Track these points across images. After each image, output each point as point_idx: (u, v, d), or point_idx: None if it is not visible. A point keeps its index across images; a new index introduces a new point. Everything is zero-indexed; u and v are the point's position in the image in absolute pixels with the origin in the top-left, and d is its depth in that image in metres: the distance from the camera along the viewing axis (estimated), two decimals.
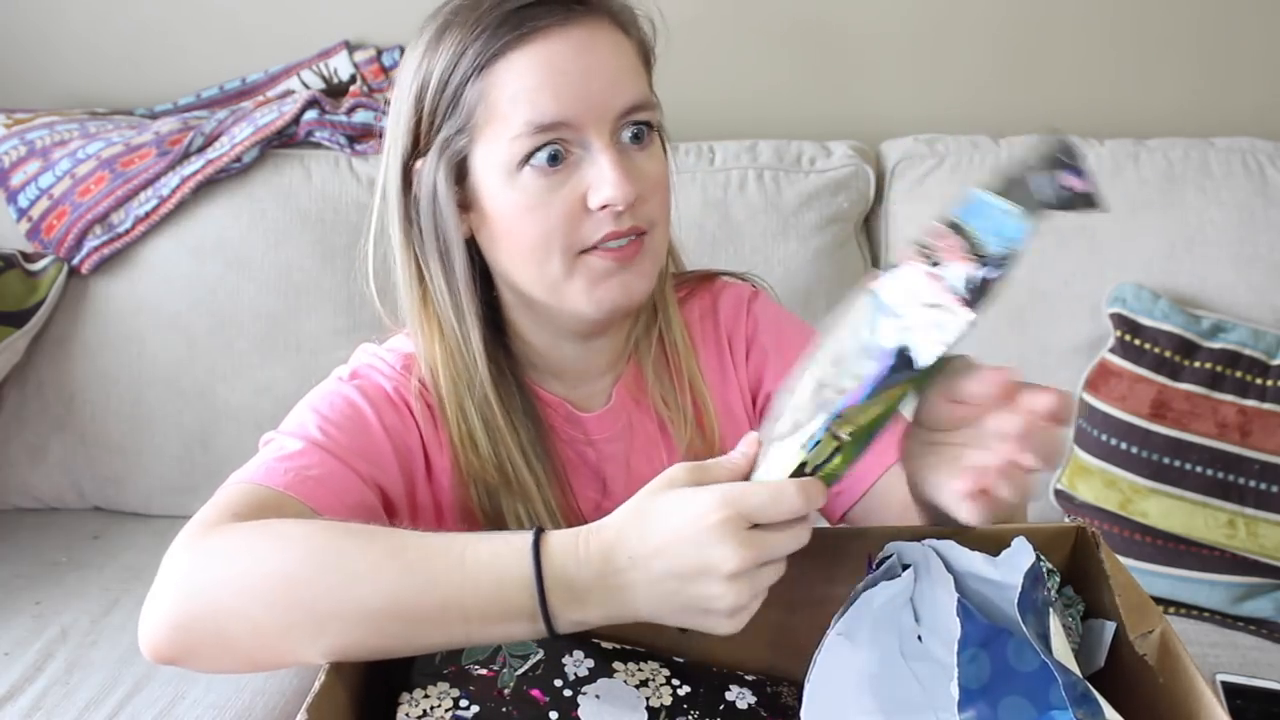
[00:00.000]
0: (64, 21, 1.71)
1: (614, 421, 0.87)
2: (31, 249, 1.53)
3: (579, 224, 0.75)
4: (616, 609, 0.60)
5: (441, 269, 0.79)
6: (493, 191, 0.76)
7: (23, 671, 1.20)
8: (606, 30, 0.75)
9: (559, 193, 0.74)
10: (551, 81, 0.72)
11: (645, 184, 0.75)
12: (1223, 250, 1.47)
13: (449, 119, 0.76)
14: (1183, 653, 0.59)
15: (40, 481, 1.56)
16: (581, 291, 0.77)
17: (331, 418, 0.77)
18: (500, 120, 0.74)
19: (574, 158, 0.74)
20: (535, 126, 0.73)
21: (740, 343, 0.91)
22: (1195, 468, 1.37)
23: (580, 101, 0.73)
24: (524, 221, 0.75)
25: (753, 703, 0.68)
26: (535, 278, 0.78)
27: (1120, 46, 1.67)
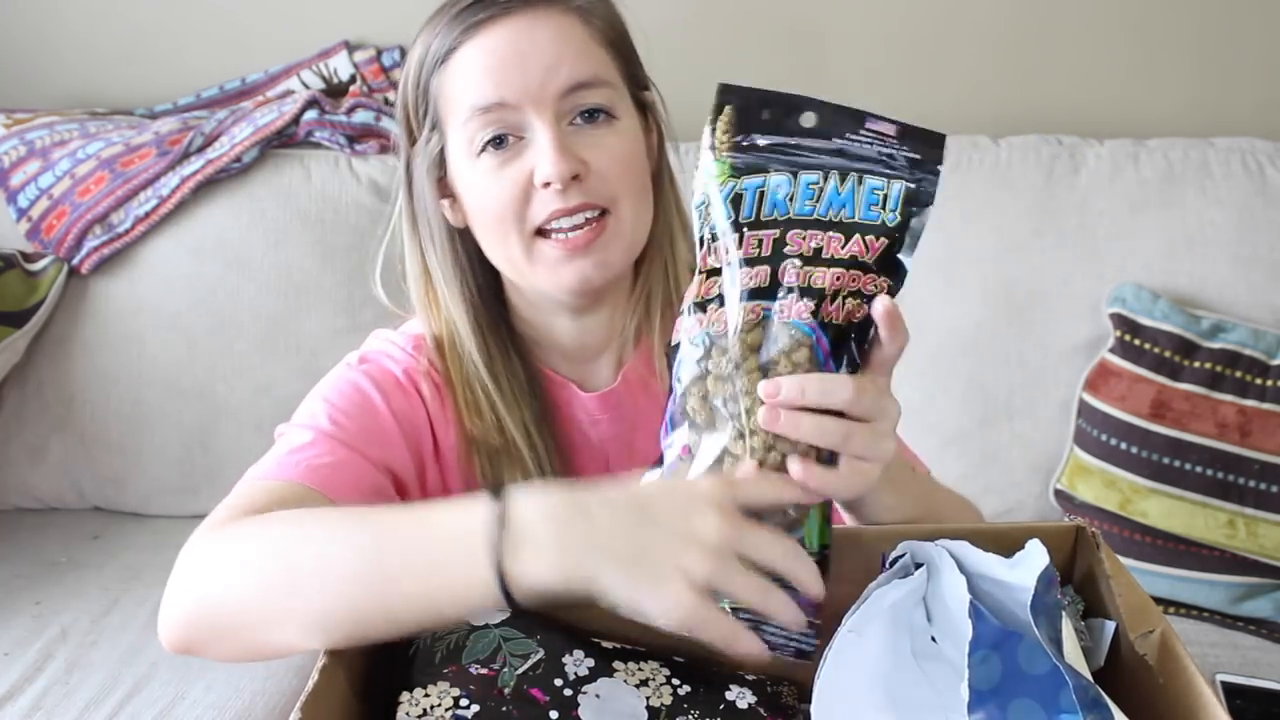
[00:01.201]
0: (64, 21, 1.71)
1: (617, 402, 0.88)
2: (31, 249, 1.53)
3: (528, 202, 0.78)
4: (573, 561, 0.56)
5: (435, 255, 0.85)
6: (460, 178, 0.81)
7: (23, 671, 1.20)
8: (556, 16, 0.78)
9: (507, 172, 0.78)
10: (490, 66, 0.77)
11: (596, 160, 0.78)
12: (1222, 250, 1.47)
13: (425, 115, 0.82)
14: (1183, 653, 0.59)
15: (40, 481, 1.56)
16: (544, 275, 0.80)
17: (341, 405, 0.80)
18: (454, 110, 0.79)
19: (522, 140, 0.78)
20: (475, 109, 0.77)
21: None
22: (1195, 468, 1.37)
23: (516, 82, 0.76)
24: (482, 202, 0.80)
25: (753, 702, 0.68)
26: (502, 258, 0.82)
27: (1120, 46, 1.67)
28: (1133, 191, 1.50)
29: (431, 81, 0.80)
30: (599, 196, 0.78)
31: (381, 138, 1.59)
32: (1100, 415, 1.41)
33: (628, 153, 0.80)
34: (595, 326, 0.87)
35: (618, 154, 0.79)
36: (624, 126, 0.80)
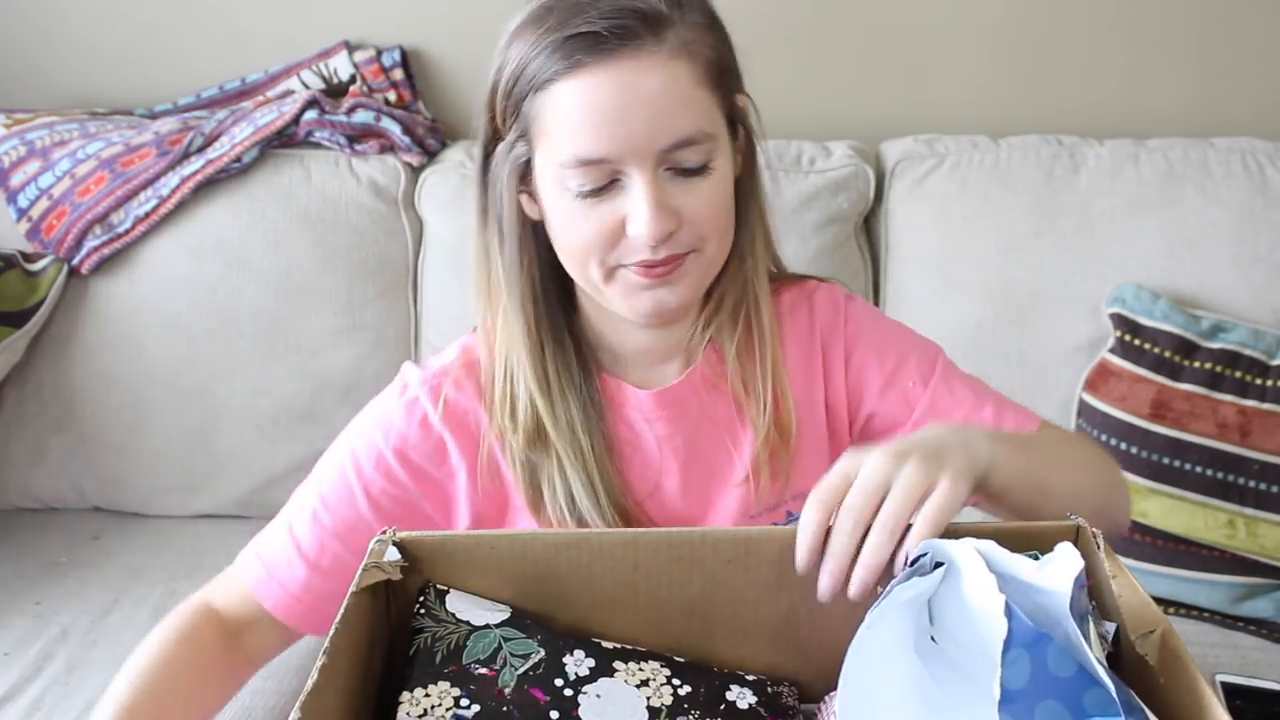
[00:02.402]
0: (64, 21, 1.71)
1: (678, 400, 0.87)
2: (31, 249, 1.53)
3: (615, 245, 0.78)
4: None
5: (500, 248, 0.83)
6: (546, 196, 0.79)
7: (23, 671, 1.20)
8: (661, 61, 0.74)
9: (599, 215, 0.77)
10: (592, 119, 0.74)
11: (689, 210, 0.77)
12: (1222, 250, 1.47)
13: (514, 123, 0.79)
14: (1183, 653, 0.59)
15: (40, 481, 1.56)
16: (618, 299, 0.80)
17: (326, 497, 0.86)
18: (550, 142, 0.76)
19: (616, 184, 0.76)
20: (578, 160, 0.75)
21: (838, 347, 0.90)
22: (1195, 468, 1.37)
23: (619, 140, 0.74)
24: (568, 231, 0.79)
25: (753, 703, 0.68)
26: (580, 277, 0.82)
27: (1120, 46, 1.67)
28: (1133, 191, 1.50)
29: (527, 101, 0.77)
30: (687, 245, 0.78)
31: (381, 138, 1.59)
32: (1100, 415, 1.41)
33: (720, 198, 0.79)
34: (665, 336, 0.87)
35: (710, 202, 0.78)
36: (718, 171, 0.79)
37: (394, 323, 1.57)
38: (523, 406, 0.83)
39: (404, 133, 1.59)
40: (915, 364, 0.90)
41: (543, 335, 0.84)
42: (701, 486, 0.87)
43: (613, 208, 0.76)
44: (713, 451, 0.88)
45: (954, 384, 0.90)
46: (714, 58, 0.78)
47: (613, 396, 0.87)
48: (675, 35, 0.75)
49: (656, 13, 0.74)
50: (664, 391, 0.87)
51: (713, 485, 0.88)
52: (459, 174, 1.56)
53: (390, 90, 1.68)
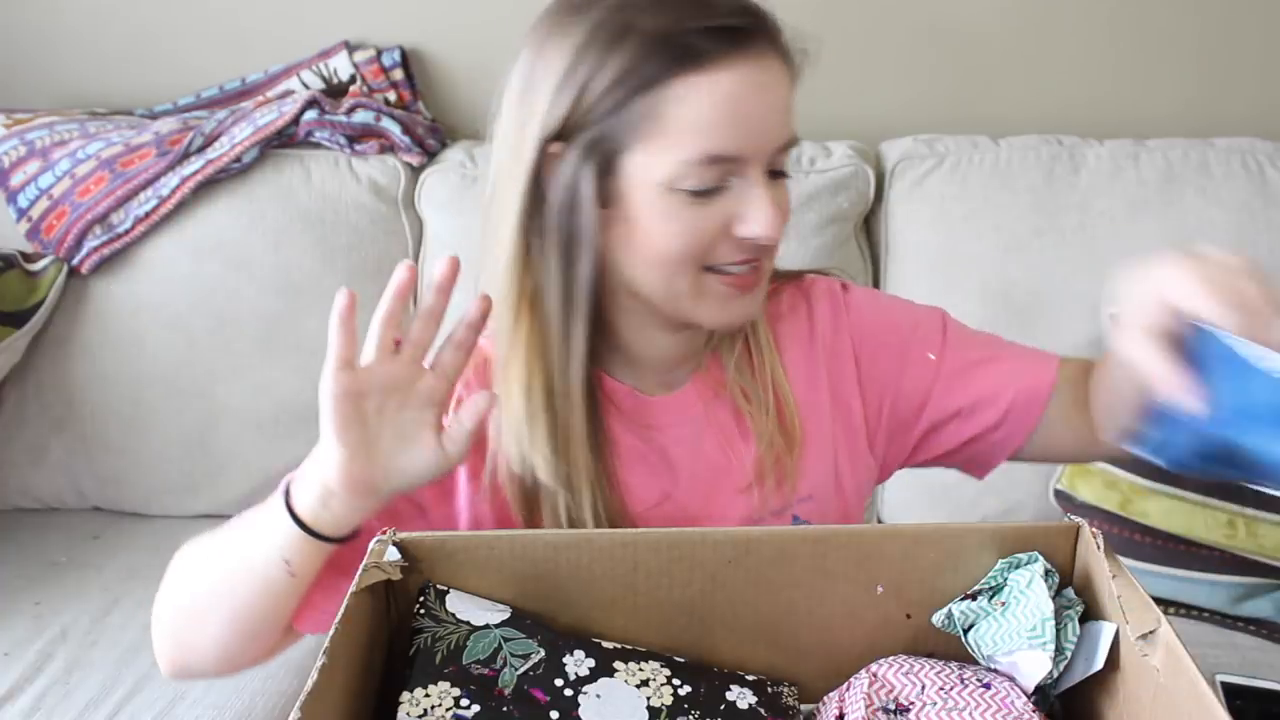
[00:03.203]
0: (64, 21, 1.71)
1: (684, 407, 0.86)
2: (31, 249, 1.53)
3: (716, 247, 0.76)
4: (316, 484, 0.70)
5: (559, 259, 0.77)
6: (638, 198, 0.75)
7: (23, 671, 1.20)
8: (777, 64, 0.75)
9: (706, 216, 0.75)
10: (731, 116, 0.72)
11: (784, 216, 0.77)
12: (1222, 250, 1.47)
13: (607, 120, 0.73)
14: (1183, 653, 0.59)
15: (40, 481, 1.56)
16: (704, 309, 0.78)
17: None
18: (669, 139, 0.73)
19: (726, 185, 0.75)
20: (710, 158, 0.73)
21: (844, 343, 0.89)
22: None
23: (754, 138, 0.73)
24: (663, 235, 0.75)
25: (753, 703, 0.68)
26: (658, 286, 0.78)
27: (1120, 46, 1.67)
28: (1133, 191, 1.50)
29: (638, 99, 0.72)
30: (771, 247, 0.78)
31: (381, 138, 1.59)
32: None
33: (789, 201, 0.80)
34: (686, 339, 0.85)
35: (788, 204, 0.79)
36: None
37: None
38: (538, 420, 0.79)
39: (404, 133, 1.59)
40: (924, 335, 0.90)
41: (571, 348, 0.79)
42: (707, 493, 0.87)
43: (721, 208, 0.74)
44: (717, 458, 0.87)
45: (967, 343, 0.91)
46: (796, 71, 0.79)
47: (620, 404, 0.85)
48: (779, 36, 0.76)
49: (762, 11, 0.75)
50: (670, 399, 0.86)
51: (718, 492, 0.87)
52: (459, 174, 1.56)
53: (390, 90, 1.68)
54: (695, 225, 0.74)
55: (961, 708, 0.66)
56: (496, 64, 0.80)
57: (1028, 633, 0.67)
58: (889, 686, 0.68)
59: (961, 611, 0.71)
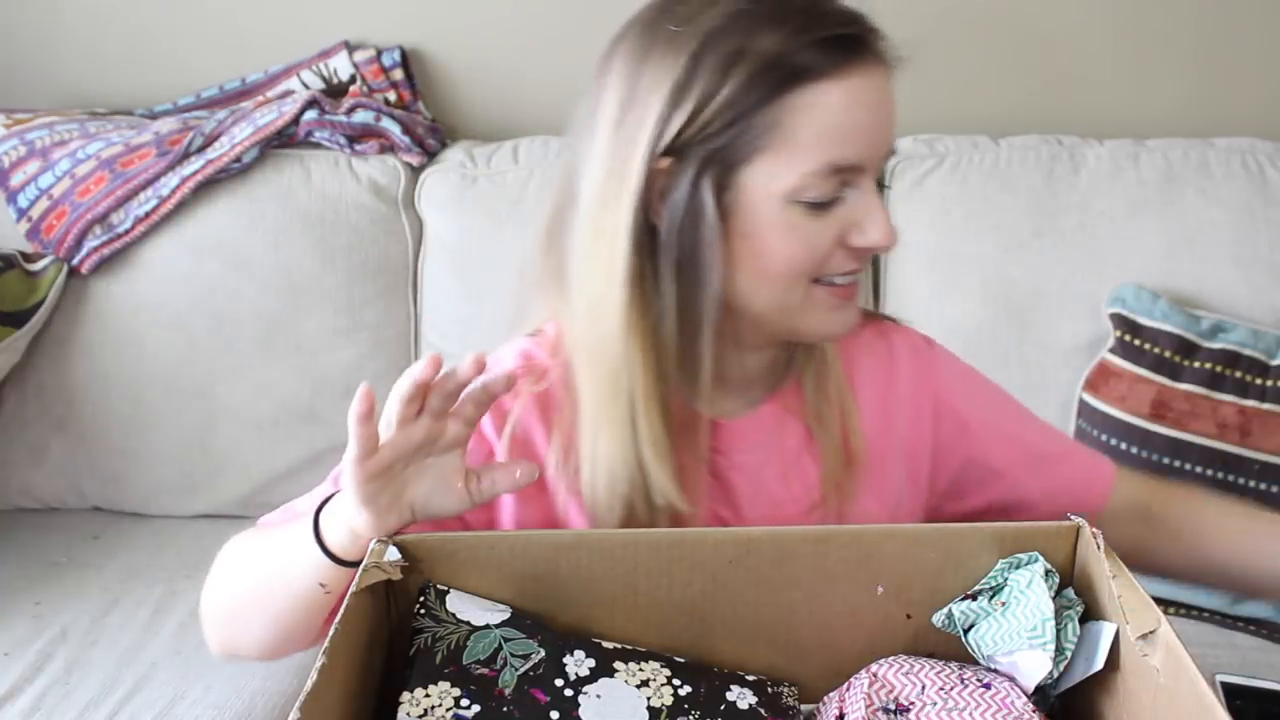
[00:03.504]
0: (64, 21, 1.71)
1: (754, 432, 0.84)
2: (31, 249, 1.53)
3: (830, 257, 0.76)
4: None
5: (675, 277, 0.74)
6: (758, 211, 0.73)
7: (23, 671, 1.20)
8: (884, 72, 0.75)
9: (824, 227, 0.74)
10: (857, 124, 0.73)
11: None
12: (1222, 250, 1.47)
13: (726, 134, 0.71)
14: (1183, 653, 0.59)
15: (40, 481, 1.56)
16: (812, 320, 0.78)
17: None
18: (795, 150, 0.71)
19: (842, 196, 0.74)
20: (834, 167, 0.72)
21: (925, 398, 0.88)
22: (1195, 468, 1.37)
23: (875, 147, 0.74)
24: (783, 248, 0.74)
25: (753, 703, 0.68)
26: (770, 298, 0.76)
27: (1121, 46, 1.67)
28: (1133, 191, 1.50)
29: (761, 111, 0.71)
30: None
31: (381, 138, 1.59)
32: (1100, 415, 1.41)
33: None
34: (766, 357, 0.85)
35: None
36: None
37: (394, 323, 1.57)
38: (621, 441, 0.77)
39: (404, 133, 1.59)
40: (1001, 413, 0.90)
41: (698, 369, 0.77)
42: (763, 519, 0.85)
43: (836, 218, 0.74)
44: (775, 483, 0.85)
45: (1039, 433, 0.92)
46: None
47: (691, 426, 0.81)
48: (886, 49, 0.76)
49: (871, 21, 0.75)
50: (740, 423, 0.84)
51: (773, 518, 0.85)
52: (459, 174, 1.56)
53: (390, 90, 1.68)
54: (814, 237, 0.74)
55: (961, 708, 0.66)
56: (496, 64, 0.80)
57: (1028, 633, 0.67)
58: (889, 686, 0.68)
59: (962, 611, 0.71)
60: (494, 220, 1.54)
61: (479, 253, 1.55)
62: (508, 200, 1.54)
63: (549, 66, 1.68)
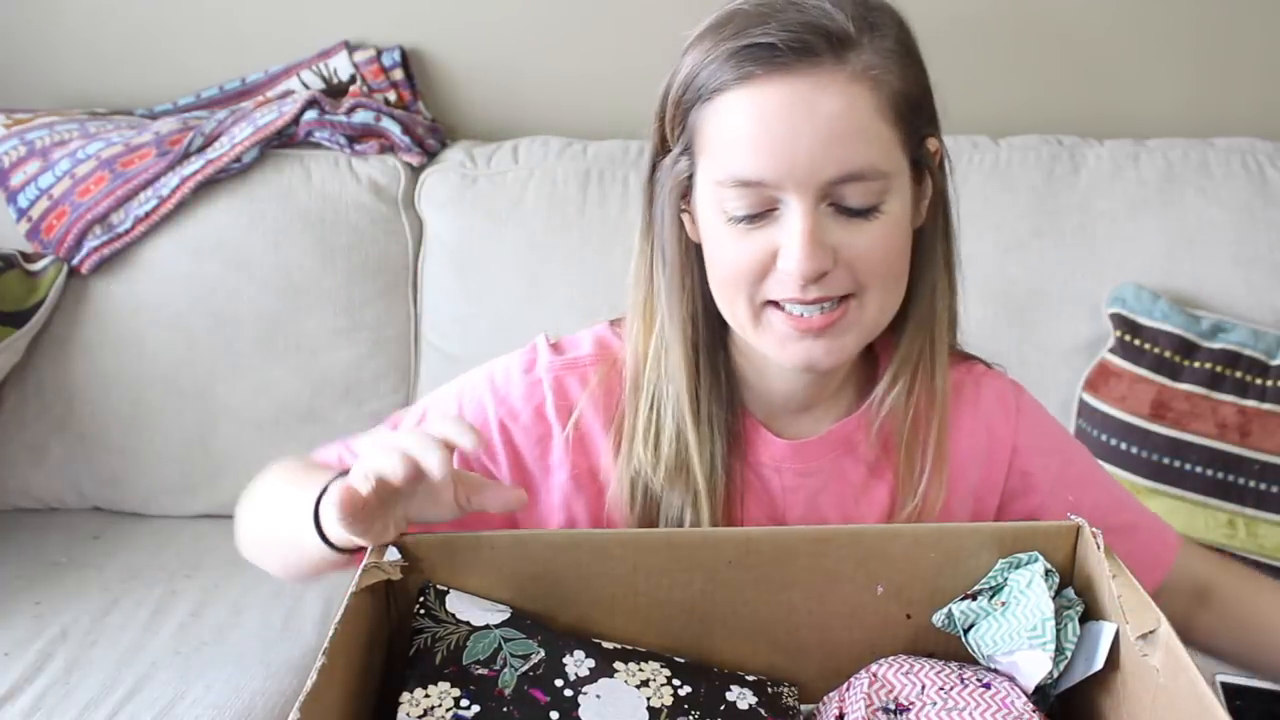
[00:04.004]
0: (63, 21, 1.71)
1: (813, 457, 0.82)
2: (31, 249, 1.53)
3: (764, 277, 0.72)
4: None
5: (664, 267, 0.77)
6: (703, 218, 0.74)
7: (23, 671, 1.20)
8: (840, 84, 0.68)
9: (752, 242, 0.71)
10: (756, 137, 0.68)
11: (848, 252, 0.70)
12: (1223, 250, 1.47)
13: (680, 135, 0.74)
14: (1183, 653, 0.59)
15: (40, 481, 1.56)
16: (766, 344, 0.75)
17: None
18: (711, 158, 0.72)
19: (774, 212, 0.70)
20: (735, 180, 0.70)
21: (1005, 444, 0.85)
22: (1195, 468, 1.37)
23: (782, 163, 0.68)
24: (720, 257, 0.74)
25: (753, 703, 0.68)
26: (728, 313, 0.76)
27: (1120, 46, 1.67)
28: (1133, 191, 1.50)
29: (693, 111, 0.71)
30: (842, 288, 0.71)
31: (381, 138, 1.59)
32: (1100, 415, 1.41)
33: (886, 243, 0.71)
34: (814, 385, 0.81)
35: (874, 246, 0.71)
36: (890, 215, 0.71)
37: (394, 322, 1.57)
38: (668, 439, 0.78)
39: (404, 133, 1.59)
40: (1075, 474, 0.87)
41: (700, 364, 0.78)
42: None
43: (767, 236, 0.70)
44: (831, 512, 0.83)
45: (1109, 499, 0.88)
46: (901, 89, 0.71)
47: (749, 437, 0.81)
48: (860, 59, 0.68)
49: (843, 32, 0.68)
50: (802, 444, 0.81)
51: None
52: (459, 174, 1.56)
53: (390, 90, 1.68)
54: (739, 254, 0.71)
55: (961, 708, 0.66)
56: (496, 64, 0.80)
57: (1028, 633, 0.67)
58: (889, 686, 0.68)
59: (961, 611, 0.71)
60: (494, 220, 1.54)
61: (479, 253, 1.55)
62: (508, 200, 1.54)
63: (549, 66, 1.68)
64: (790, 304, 0.72)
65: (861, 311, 0.73)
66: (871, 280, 0.72)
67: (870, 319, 0.74)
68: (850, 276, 0.71)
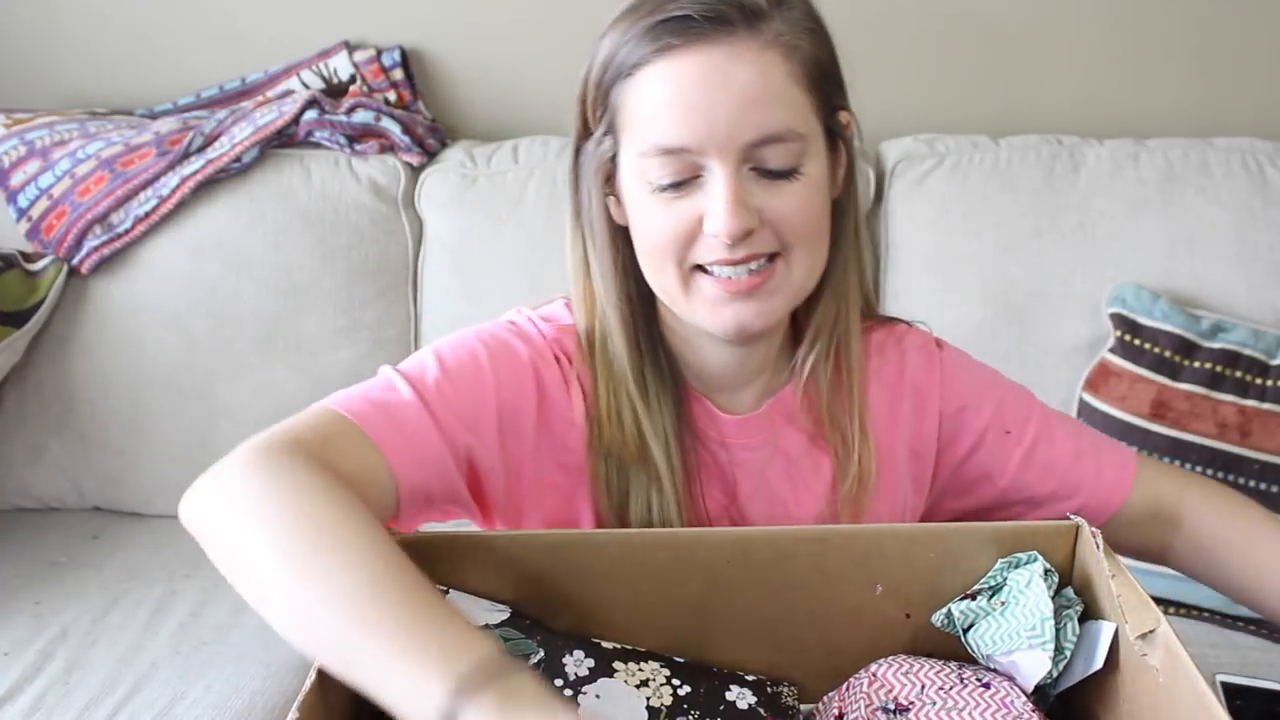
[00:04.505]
0: (63, 22, 1.71)
1: (756, 431, 0.84)
2: (31, 249, 1.53)
3: (692, 242, 0.75)
4: None
5: (595, 251, 0.80)
6: (627, 191, 0.77)
7: (23, 671, 1.20)
8: (756, 50, 0.71)
9: (676, 209, 0.74)
10: (677, 106, 0.72)
11: (772, 212, 0.73)
12: (1223, 250, 1.47)
13: (602, 116, 0.77)
14: (1183, 653, 0.59)
15: (40, 481, 1.56)
16: (697, 311, 0.77)
17: (453, 373, 0.77)
18: (633, 132, 0.74)
19: (697, 179, 0.73)
20: (658, 149, 0.73)
21: (932, 397, 0.87)
22: (1195, 468, 1.37)
23: (702, 128, 0.71)
24: (644, 229, 0.76)
25: (753, 703, 0.68)
26: (658, 285, 0.78)
27: (1120, 46, 1.67)
28: (1133, 191, 1.50)
29: (614, 89, 0.74)
30: (768, 246, 0.74)
31: (381, 138, 1.59)
32: (1100, 415, 1.41)
33: (808, 204, 0.75)
34: (746, 357, 0.83)
35: (797, 206, 0.74)
36: (809, 177, 0.74)
37: (394, 322, 1.57)
38: (628, 418, 0.80)
39: (404, 133, 1.59)
40: (1011, 412, 0.87)
41: (641, 343, 0.81)
42: (767, 516, 0.85)
43: (692, 203, 0.73)
44: (780, 487, 0.85)
45: (1053, 431, 0.87)
46: (813, 56, 0.75)
47: (697, 413, 0.84)
48: (771, 27, 0.72)
49: (754, 3, 0.72)
50: (745, 420, 0.84)
51: (778, 522, 0.84)
52: (459, 174, 1.56)
53: (390, 90, 1.68)
54: (666, 221, 0.74)
55: (961, 708, 0.66)
56: (496, 64, 0.81)
57: (1027, 632, 0.67)
58: (889, 686, 0.68)
59: (961, 611, 0.71)
60: (494, 220, 1.54)
61: (479, 253, 1.55)
62: (508, 200, 1.54)
63: (549, 66, 1.67)
64: (718, 266, 0.74)
65: (788, 272, 0.76)
66: (795, 240, 0.75)
67: (797, 280, 0.77)
68: (775, 236, 0.74)
